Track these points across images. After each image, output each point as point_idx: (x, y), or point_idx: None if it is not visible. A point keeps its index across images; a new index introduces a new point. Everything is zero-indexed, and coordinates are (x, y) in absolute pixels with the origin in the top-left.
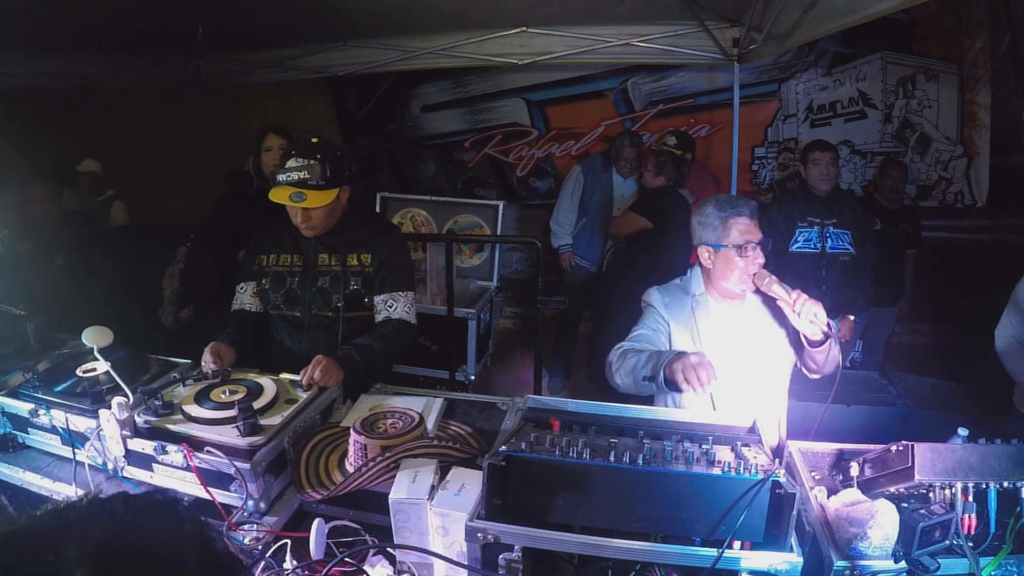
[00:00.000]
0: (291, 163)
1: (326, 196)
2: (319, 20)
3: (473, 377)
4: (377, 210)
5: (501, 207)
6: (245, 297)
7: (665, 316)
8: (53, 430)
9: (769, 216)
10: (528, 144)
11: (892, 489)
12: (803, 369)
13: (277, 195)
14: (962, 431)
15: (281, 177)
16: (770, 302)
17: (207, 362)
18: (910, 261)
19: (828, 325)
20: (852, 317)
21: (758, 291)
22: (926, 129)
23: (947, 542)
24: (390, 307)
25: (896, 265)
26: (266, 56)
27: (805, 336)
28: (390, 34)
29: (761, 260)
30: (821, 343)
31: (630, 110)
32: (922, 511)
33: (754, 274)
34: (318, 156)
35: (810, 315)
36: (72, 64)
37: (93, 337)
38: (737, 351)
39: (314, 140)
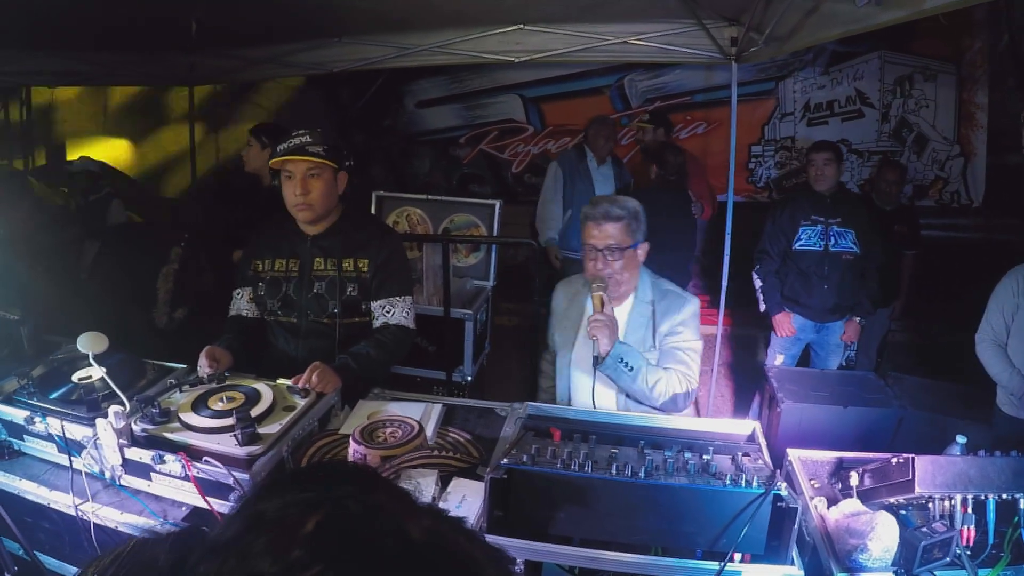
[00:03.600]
0: (292, 135)
1: (326, 165)
2: (314, 16)
3: (470, 378)
4: (372, 209)
5: (498, 206)
6: (241, 303)
7: (555, 308)
8: (49, 438)
9: (774, 215)
10: (524, 140)
11: (892, 500)
12: None
13: (278, 161)
14: (960, 439)
15: (282, 146)
16: (648, 312)
17: (203, 366)
18: (908, 262)
19: (596, 358)
20: (858, 319)
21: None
22: (923, 129)
23: (947, 559)
24: (388, 312)
25: (891, 266)
26: (261, 52)
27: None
28: (386, 31)
29: (603, 267)
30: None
31: (626, 107)
32: (924, 529)
33: (589, 274)
34: (319, 129)
35: (592, 333)
36: (67, 62)
37: (88, 344)
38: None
39: None
